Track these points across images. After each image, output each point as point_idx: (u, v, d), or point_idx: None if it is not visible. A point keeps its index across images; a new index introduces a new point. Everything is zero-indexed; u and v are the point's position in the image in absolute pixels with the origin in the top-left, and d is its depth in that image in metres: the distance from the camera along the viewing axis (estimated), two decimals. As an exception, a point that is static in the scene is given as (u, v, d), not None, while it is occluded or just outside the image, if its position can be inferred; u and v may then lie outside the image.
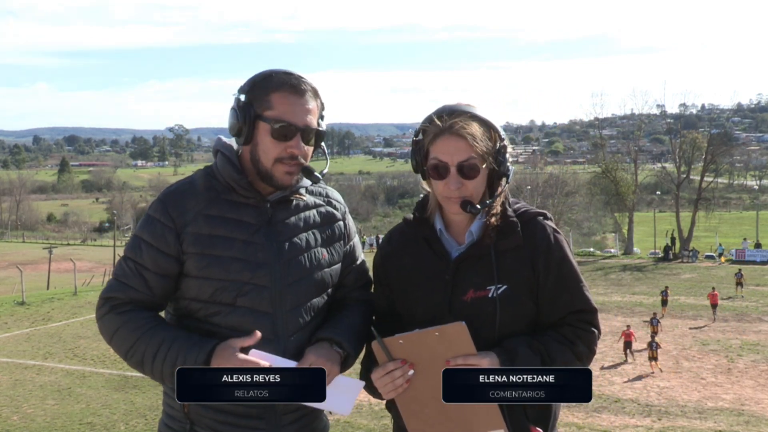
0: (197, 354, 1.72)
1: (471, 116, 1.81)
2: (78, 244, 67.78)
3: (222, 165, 1.87)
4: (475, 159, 1.78)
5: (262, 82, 1.83)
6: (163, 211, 1.83)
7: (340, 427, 11.90)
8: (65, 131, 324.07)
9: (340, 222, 2.01)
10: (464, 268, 1.82)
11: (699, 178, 46.11)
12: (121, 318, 1.81)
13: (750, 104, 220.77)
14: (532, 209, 1.90)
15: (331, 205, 2.01)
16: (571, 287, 1.84)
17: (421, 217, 1.93)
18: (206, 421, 1.83)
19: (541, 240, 1.83)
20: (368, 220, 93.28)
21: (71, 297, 26.40)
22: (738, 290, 25.41)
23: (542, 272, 1.82)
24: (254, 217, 1.86)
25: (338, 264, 1.99)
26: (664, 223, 50.90)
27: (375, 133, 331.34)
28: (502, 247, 1.82)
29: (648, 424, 12.31)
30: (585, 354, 1.82)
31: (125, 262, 1.86)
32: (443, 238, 1.88)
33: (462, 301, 1.80)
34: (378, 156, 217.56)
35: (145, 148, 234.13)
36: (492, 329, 1.77)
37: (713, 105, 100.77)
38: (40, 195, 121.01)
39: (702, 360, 16.91)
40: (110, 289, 1.85)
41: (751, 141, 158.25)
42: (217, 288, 1.80)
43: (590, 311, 1.85)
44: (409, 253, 1.91)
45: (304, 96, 1.83)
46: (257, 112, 1.81)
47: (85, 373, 15.67)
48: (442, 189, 1.81)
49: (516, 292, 1.80)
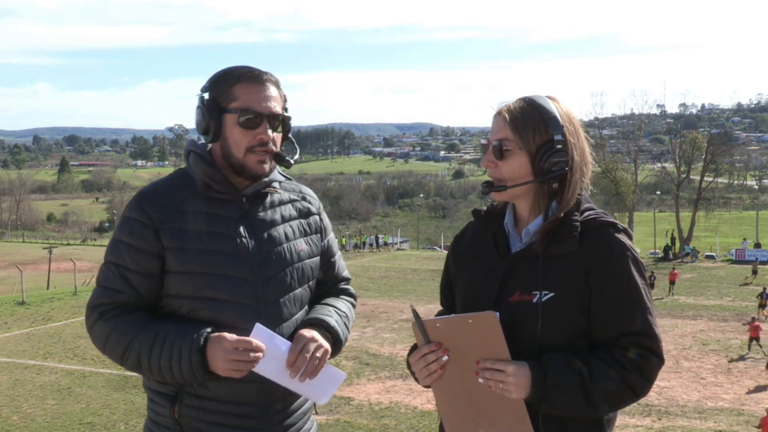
0: (192, 344, 1.71)
1: (526, 100, 1.73)
2: (78, 244, 67.71)
3: (195, 163, 1.88)
4: (511, 141, 1.70)
5: (223, 77, 1.85)
6: (139, 209, 1.82)
7: (340, 427, 11.89)
8: (65, 131, 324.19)
9: (316, 216, 2.03)
10: (517, 268, 1.72)
11: (699, 178, 46.12)
12: (111, 323, 1.79)
13: (750, 104, 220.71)
14: (604, 218, 1.72)
15: (306, 200, 2.03)
16: (628, 308, 1.64)
17: (491, 209, 1.86)
18: (197, 424, 1.81)
19: (603, 251, 1.66)
20: (368, 220, 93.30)
21: (71, 297, 26.39)
22: (761, 312, 21.68)
23: (596, 286, 1.65)
24: (232, 211, 1.86)
25: (317, 257, 2.00)
26: (664, 223, 50.95)
27: (375, 133, 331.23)
28: (555, 252, 1.68)
29: (648, 424, 12.31)
30: (638, 382, 1.62)
31: (107, 267, 1.84)
32: (510, 233, 1.80)
33: (508, 302, 1.70)
34: (378, 156, 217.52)
35: (145, 148, 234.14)
36: (533, 337, 1.65)
37: (713, 105, 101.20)
38: (40, 195, 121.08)
39: (702, 360, 16.91)
40: (96, 297, 1.83)
41: (751, 141, 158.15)
42: (199, 282, 1.80)
43: (650, 336, 1.63)
44: (476, 246, 1.85)
45: (265, 84, 1.85)
46: (222, 107, 1.83)
47: (85, 373, 15.67)
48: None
49: (563, 302, 1.65)
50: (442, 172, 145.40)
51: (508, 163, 1.71)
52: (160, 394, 1.84)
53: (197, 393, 1.80)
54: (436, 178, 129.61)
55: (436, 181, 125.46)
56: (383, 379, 14.57)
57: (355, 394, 13.78)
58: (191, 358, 1.70)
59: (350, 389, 14.05)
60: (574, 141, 1.71)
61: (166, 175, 1.97)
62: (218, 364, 1.70)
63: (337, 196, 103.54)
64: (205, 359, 1.71)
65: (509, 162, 1.71)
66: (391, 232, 63.18)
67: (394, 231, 64.25)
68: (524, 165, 1.70)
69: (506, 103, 1.75)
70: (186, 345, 1.71)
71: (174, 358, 1.72)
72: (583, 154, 1.74)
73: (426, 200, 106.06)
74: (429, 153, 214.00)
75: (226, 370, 1.70)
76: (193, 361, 1.70)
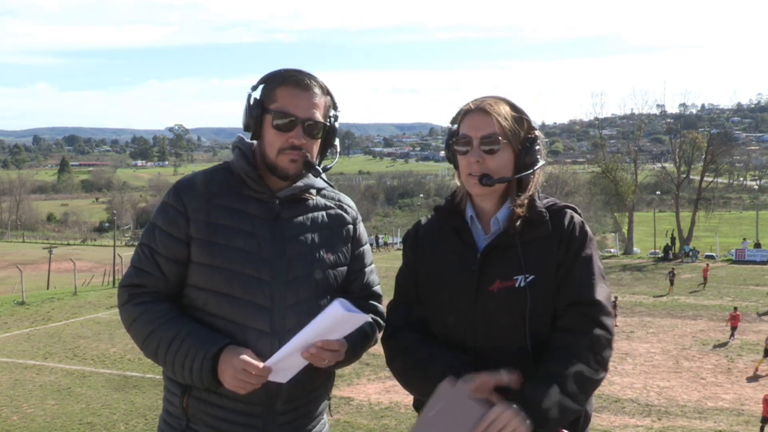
0: (207, 350, 1.74)
1: (504, 100, 1.83)
2: (78, 244, 67.73)
3: (237, 159, 1.92)
4: (499, 135, 1.78)
5: (271, 78, 1.89)
6: (176, 196, 1.87)
7: (340, 427, 11.89)
8: (65, 131, 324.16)
9: (350, 225, 2.01)
10: (491, 258, 1.78)
11: (699, 178, 46.07)
12: (139, 308, 1.84)
13: (750, 104, 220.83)
14: (561, 203, 1.88)
15: (342, 209, 2.02)
16: (579, 277, 1.74)
17: (451, 205, 1.90)
18: (203, 417, 1.84)
19: (567, 229, 1.79)
20: (368, 220, 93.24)
21: (71, 297, 26.40)
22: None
23: (563, 261, 1.76)
24: (262, 211, 1.88)
25: (344, 266, 1.98)
26: (664, 223, 50.89)
27: (375, 133, 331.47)
28: (530, 237, 1.77)
29: (648, 424, 12.31)
30: (590, 364, 1.66)
31: (140, 248, 1.89)
32: (473, 227, 1.85)
33: (488, 291, 1.75)
34: (378, 156, 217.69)
35: (145, 148, 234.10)
36: (521, 320, 1.71)
37: (713, 105, 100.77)
38: (40, 195, 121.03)
39: (702, 360, 16.91)
40: (128, 276, 1.89)
41: (751, 141, 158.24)
42: (216, 276, 1.82)
43: (592, 304, 1.71)
44: (438, 243, 1.88)
45: (309, 90, 1.86)
46: (264, 107, 1.86)
47: (85, 373, 15.67)
48: (465, 166, 1.81)
49: (545, 282, 1.74)
50: (442, 172, 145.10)
51: (496, 157, 1.79)
52: (175, 383, 1.88)
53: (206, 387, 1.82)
54: (436, 178, 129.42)
55: (436, 181, 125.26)
56: (383, 379, 14.56)
57: (355, 394, 13.78)
58: (203, 363, 1.74)
59: (350, 389, 14.05)
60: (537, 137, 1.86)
61: (208, 167, 2.00)
62: (226, 378, 1.73)
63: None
64: (215, 367, 1.74)
65: (498, 156, 1.79)
66: (391, 232, 63.15)
67: (394, 231, 64.18)
68: (510, 159, 1.81)
69: (485, 101, 1.82)
70: (201, 350, 1.74)
71: (188, 359, 1.75)
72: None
73: (426, 200, 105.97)
74: (429, 153, 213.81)
75: (233, 385, 1.73)
76: (204, 367, 1.74)
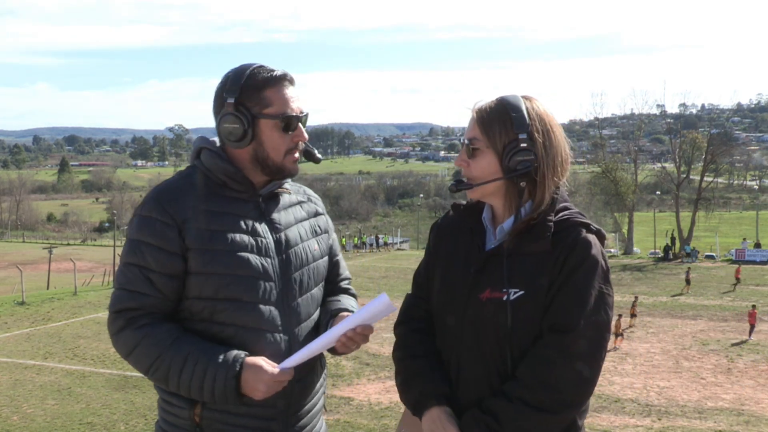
0: (227, 370, 1.70)
1: (498, 100, 1.74)
2: (78, 244, 67.74)
3: (211, 161, 1.85)
4: (480, 141, 1.72)
5: (247, 81, 1.82)
6: (160, 209, 1.77)
7: (340, 427, 11.88)
8: (65, 131, 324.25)
9: (323, 216, 2.08)
10: (490, 265, 1.72)
11: (699, 178, 46.05)
12: (140, 333, 1.74)
13: (750, 104, 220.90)
14: (578, 218, 1.71)
15: (312, 201, 2.07)
16: (563, 301, 1.62)
17: (470, 204, 1.85)
18: (219, 426, 1.80)
19: (567, 247, 1.65)
20: (368, 220, 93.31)
21: (71, 297, 26.38)
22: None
23: (555, 280, 1.65)
24: (250, 211, 1.86)
25: (327, 257, 2.05)
26: (664, 223, 50.89)
27: (375, 133, 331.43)
28: (527, 251, 1.68)
29: (648, 424, 12.30)
30: (546, 406, 1.58)
31: (127, 269, 1.78)
32: (488, 228, 1.81)
33: (478, 298, 1.70)
34: (378, 156, 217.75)
35: (145, 148, 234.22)
36: (504, 334, 1.66)
37: (713, 105, 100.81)
38: (40, 195, 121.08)
39: (702, 360, 16.91)
40: (119, 301, 1.77)
41: (751, 141, 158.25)
42: (222, 283, 1.77)
43: (568, 330, 1.59)
44: (457, 236, 1.86)
45: (292, 83, 1.89)
46: (255, 112, 1.82)
47: (85, 373, 15.66)
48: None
49: (532, 301, 1.64)
50: (442, 172, 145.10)
51: (477, 161, 1.73)
52: (178, 397, 1.80)
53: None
54: (436, 178, 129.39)
55: (436, 181, 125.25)
56: (383, 379, 14.56)
57: (355, 394, 13.77)
58: (226, 383, 1.70)
59: (350, 389, 14.05)
60: (542, 140, 1.70)
61: (174, 175, 1.92)
62: (258, 393, 1.71)
63: (337, 196, 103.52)
64: (239, 384, 1.72)
65: (478, 161, 1.73)
66: (391, 232, 63.21)
67: (394, 231, 64.27)
68: (493, 163, 1.71)
69: (477, 104, 1.78)
70: (222, 370, 1.70)
71: (206, 380, 1.70)
72: (556, 153, 1.72)
73: (426, 200, 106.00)
74: (429, 153, 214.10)
75: (265, 396, 1.72)
76: (227, 387, 1.70)
